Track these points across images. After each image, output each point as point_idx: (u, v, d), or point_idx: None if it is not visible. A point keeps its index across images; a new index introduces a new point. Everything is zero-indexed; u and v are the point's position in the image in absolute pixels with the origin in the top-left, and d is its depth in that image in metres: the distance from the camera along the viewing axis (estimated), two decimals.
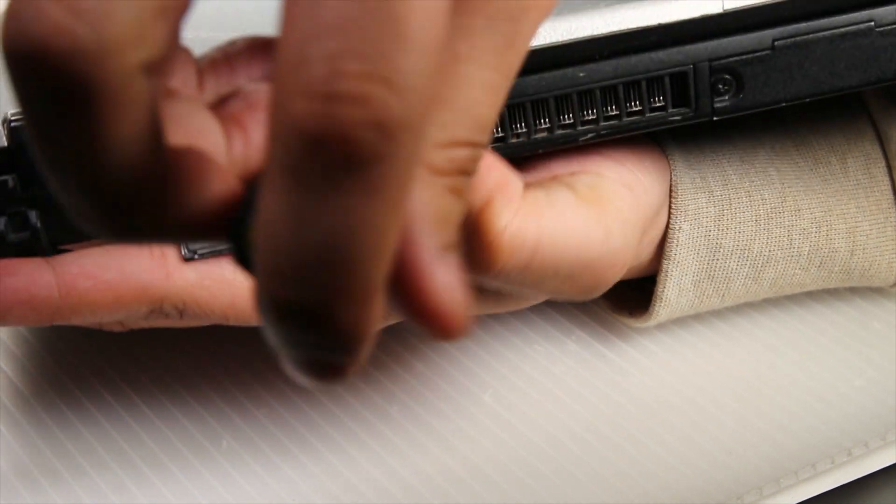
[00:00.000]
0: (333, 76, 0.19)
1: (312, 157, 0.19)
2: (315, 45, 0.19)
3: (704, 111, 0.36)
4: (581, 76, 0.35)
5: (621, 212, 0.36)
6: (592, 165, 0.37)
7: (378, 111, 0.19)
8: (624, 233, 0.36)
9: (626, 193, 0.37)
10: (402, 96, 0.19)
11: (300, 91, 0.19)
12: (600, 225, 0.35)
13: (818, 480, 0.39)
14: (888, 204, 0.41)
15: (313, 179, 0.19)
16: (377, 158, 0.19)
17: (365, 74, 0.19)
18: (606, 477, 0.39)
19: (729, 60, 0.35)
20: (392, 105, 0.19)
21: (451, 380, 0.43)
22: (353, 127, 0.19)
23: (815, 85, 0.35)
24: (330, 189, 0.20)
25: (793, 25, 0.35)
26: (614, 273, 0.36)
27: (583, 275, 0.35)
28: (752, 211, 0.40)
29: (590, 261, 0.35)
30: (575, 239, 0.34)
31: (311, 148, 0.19)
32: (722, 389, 0.42)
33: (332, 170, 0.19)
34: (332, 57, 0.19)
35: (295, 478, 0.40)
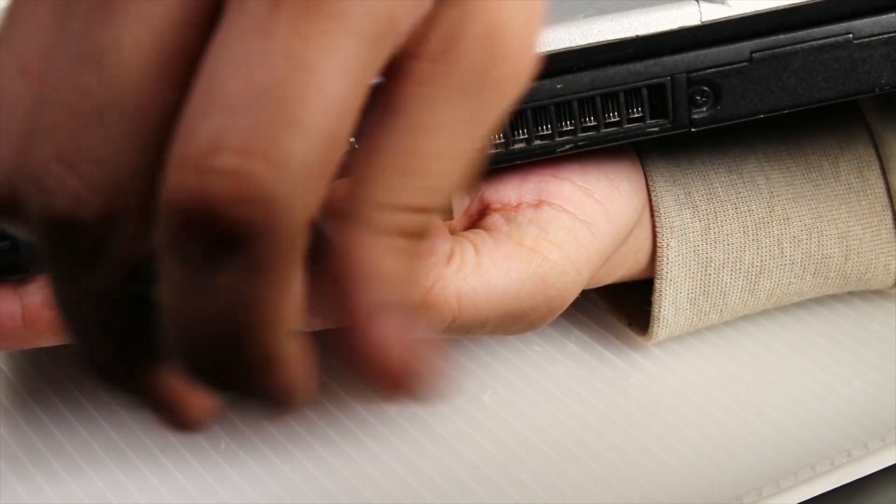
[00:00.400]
0: (210, 150, 0.19)
1: (186, 233, 0.19)
2: (204, 119, 0.19)
3: (682, 123, 0.36)
4: (558, 87, 0.35)
5: (566, 256, 0.36)
6: (558, 195, 0.37)
7: (251, 187, 0.19)
8: (565, 275, 0.36)
9: (582, 232, 0.37)
10: (282, 175, 0.19)
11: (177, 163, 0.19)
12: (535, 276, 0.35)
13: (817, 481, 0.39)
14: (882, 206, 0.41)
15: (191, 255, 0.19)
16: (252, 236, 0.19)
17: (242, 149, 0.19)
18: (605, 477, 0.39)
19: (706, 72, 0.35)
20: (268, 182, 0.19)
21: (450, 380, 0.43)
22: (222, 202, 0.19)
23: (792, 97, 0.36)
24: (210, 265, 0.19)
25: (771, 37, 0.35)
26: (560, 305, 0.37)
27: (519, 320, 0.36)
28: (739, 222, 0.40)
29: (522, 311, 0.36)
30: (500, 296, 0.35)
31: (184, 223, 0.19)
32: (721, 390, 0.42)
33: (208, 246, 0.19)
34: (214, 132, 0.19)
35: (294, 478, 0.40)
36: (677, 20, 0.34)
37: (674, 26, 0.34)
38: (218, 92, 0.20)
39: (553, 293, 0.36)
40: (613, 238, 0.38)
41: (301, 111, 0.19)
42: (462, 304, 0.35)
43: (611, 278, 0.41)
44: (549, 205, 0.37)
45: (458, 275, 0.35)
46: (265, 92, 0.19)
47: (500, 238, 0.36)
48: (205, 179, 0.19)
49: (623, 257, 0.40)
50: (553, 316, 0.37)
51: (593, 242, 0.37)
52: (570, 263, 0.36)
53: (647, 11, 0.34)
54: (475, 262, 0.35)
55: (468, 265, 0.35)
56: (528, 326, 0.37)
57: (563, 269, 0.36)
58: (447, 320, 0.35)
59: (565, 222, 0.36)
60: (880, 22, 0.35)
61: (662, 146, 0.41)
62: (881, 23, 0.35)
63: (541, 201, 0.37)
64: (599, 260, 0.37)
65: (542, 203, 0.37)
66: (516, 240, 0.36)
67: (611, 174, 0.38)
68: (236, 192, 0.19)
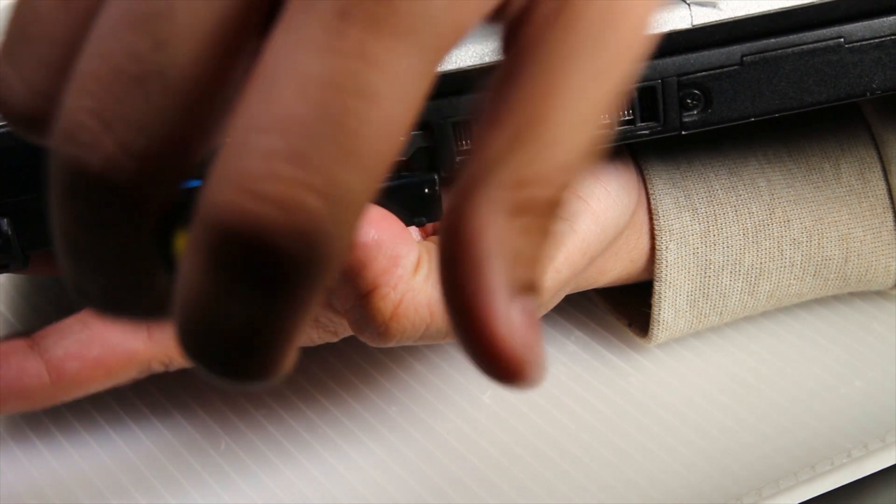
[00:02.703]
0: (265, 175, 0.19)
1: (225, 249, 0.19)
2: (258, 136, 0.19)
3: (673, 125, 0.36)
4: None
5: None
6: None
7: (300, 220, 0.19)
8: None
9: (563, 232, 0.36)
10: (333, 210, 0.19)
11: (230, 179, 0.19)
12: None
13: (817, 482, 0.39)
14: (883, 208, 0.41)
15: (223, 268, 0.19)
16: (291, 268, 0.19)
17: (297, 182, 0.19)
18: (605, 478, 0.39)
19: (697, 75, 0.35)
20: (317, 215, 0.19)
21: (449, 380, 0.43)
22: (271, 232, 0.19)
23: (783, 100, 0.36)
24: (238, 280, 0.19)
25: (761, 41, 0.35)
26: (541, 305, 0.36)
27: None
28: (739, 225, 0.40)
29: None
30: None
31: (226, 241, 0.19)
32: (721, 390, 0.42)
33: (244, 265, 0.19)
34: (270, 155, 0.19)
35: (293, 478, 0.40)
36: (668, 23, 0.34)
37: (664, 29, 0.34)
38: (276, 106, 0.19)
39: None
40: (599, 237, 0.37)
41: (361, 143, 0.19)
42: (434, 311, 0.34)
43: (605, 277, 0.41)
44: None
45: (427, 283, 0.34)
46: (326, 117, 0.19)
47: None
48: (256, 205, 0.19)
49: (616, 256, 0.40)
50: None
51: (574, 241, 0.36)
52: (548, 262, 0.36)
53: None
54: None
55: (435, 273, 0.35)
56: None
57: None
58: (421, 329, 0.34)
59: None
60: (871, 26, 0.35)
61: (662, 148, 0.40)
62: (872, 27, 0.35)
63: None
64: (582, 259, 0.37)
65: None
66: None
67: (599, 173, 0.38)
68: (287, 225, 0.19)
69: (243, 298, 0.20)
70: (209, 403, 0.42)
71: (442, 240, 0.21)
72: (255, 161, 0.19)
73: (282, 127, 0.19)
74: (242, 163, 0.19)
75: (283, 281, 0.19)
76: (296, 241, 0.19)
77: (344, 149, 0.19)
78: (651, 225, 0.40)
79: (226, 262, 0.19)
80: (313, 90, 0.19)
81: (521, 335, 0.21)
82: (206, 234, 0.19)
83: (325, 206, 0.19)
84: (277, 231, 0.19)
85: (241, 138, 0.19)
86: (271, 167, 0.19)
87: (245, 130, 0.19)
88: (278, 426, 0.42)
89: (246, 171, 0.19)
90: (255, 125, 0.19)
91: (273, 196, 0.19)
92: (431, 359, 0.44)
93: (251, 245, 0.19)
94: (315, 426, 0.42)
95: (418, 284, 0.34)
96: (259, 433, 0.41)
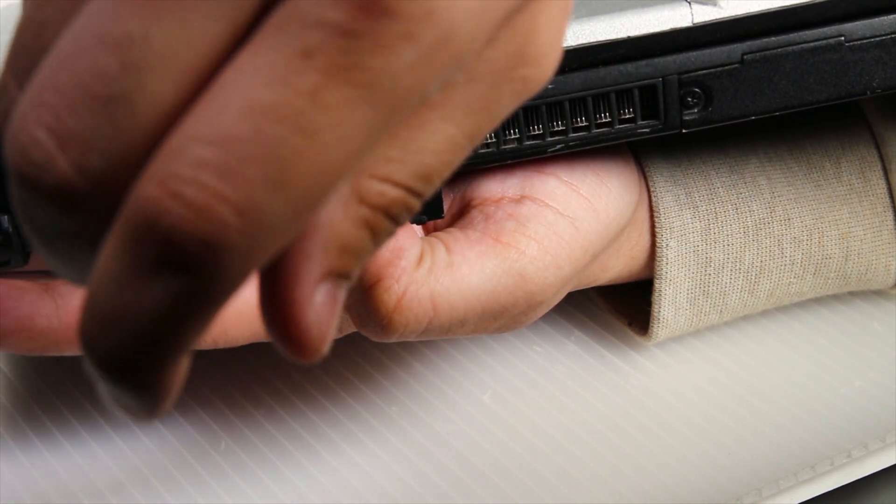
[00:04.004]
0: (190, 179, 0.19)
1: (137, 240, 0.20)
2: (194, 146, 0.19)
3: (673, 124, 0.36)
4: (550, 88, 0.35)
5: (546, 250, 0.36)
6: (542, 191, 0.37)
7: (212, 229, 0.19)
8: (544, 270, 0.36)
9: (564, 228, 0.36)
10: (247, 231, 0.19)
11: (158, 178, 0.19)
12: (511, 271, 0.35)
13: (817, 482, 0.39)
14: (884, 207, 0.41)
15: (134, 257, 0.20)
16: (193, 271, 0.19)
17: (218, 193, 0.19)
18: (605, 478, 0.39)
19: (698, 74, 0.35)
20: (230, 230, 0.19)
21: (450, 381, 0.43)
22: (179, 231, 0.19)
23: (784, 99, 0.36)
24: (145, 274, 0.20)
25: (762, 39, 0.35)
26: (542, 301, 0.36)
27: (500, 317, 0.36)
28: (739, 223, 0.40)
29: (501, 307, 0.35)
30: (476, 294, 0.35)
31: (140, 230, 0.19)
32: (721, 390, 0.42)
33: (151, 259, 0.20)
34: (200, 163, 0.19)
35: (293, 479, 0.40)
36: (669, 21, 0.34)
37: (665, 28, 0.34)
38: (218, 122, 0.19)
39: (532, 289, 0.35)
40: (600, 235, 0.37)
41: (291, 174, 0.19)
42: (437, 305, 0.34)
43: (606, 275, 0.41)
44: (532, 200, 0.37)
45: (430, 276, 0.34)
46: (264, 143, 0.19)
47: (473, 235, 0.36)
48: (173, 202, 0.19)
49: (617, 254, 0.40)
50: (536, 312, 0.37)
51: (576, 238, 0.36)
52: (550, 258, 0.36)
53: (638, 13, 0.34)
54: (447, 261, 0.35)
55: (439, 265, 0.35)
56: (511, 323, 0.36)
57: (541, 264, 0.35)
58: (423, 323, 0.34)
59: (546, 217, 0.36)
60: (872, 25, 0.35)
61: (663, 146, 0.41)
62: (873, 26, 0.35)
63: (523, 196, 0.37)
64: (584, 256, 0.37)
65: (525, 198, 0.37)
66: (492, 235, 0.35)
67: (599, 171, 0.38)
68: (196, 228, 0.19)
69: (145, 288, 0.20)
70: (209, 403, 0.42)
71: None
72: (185, 167, 0.19)
73: (218, 142, 0.19)
74: (173, 165, 0.19)
75: (184, 282, 0.20)
76: (201, 246, 0.19)
77: (271, 175, 0.19)
78: (652, 222, 0.40)
79: (136, 251, 0.20)
80: (257, 115, 0.19)
81: (319, 318, 0.21)
82: (125, 223, 0.20)
83: (238, 222, 0.19)
84: (187, 232, 0.19)
85: (178, 145, 0.20)
86: (197, 174, 0.19)
87: (184, 138, 0.20)
88: (278, 426, 0.42)
89: (174, 173, 0.19)
90: (195, 135, 0.20)
91: (191, 199, 0.19)
92: (431, 359, 0.44)
93: (161, 238, 0.19)
94: (315, 426, 0.42)
95: (421, 277, 0.34)
96: (259, 433, 0.41)
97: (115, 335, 0.20)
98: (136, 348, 0.20)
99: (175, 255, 0.19)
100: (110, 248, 0.20)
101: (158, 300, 0.20)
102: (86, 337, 0.21)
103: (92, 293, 0.21)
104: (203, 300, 0.20)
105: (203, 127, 0.20)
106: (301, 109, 0.19)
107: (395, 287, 0.34)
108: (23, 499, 0.39)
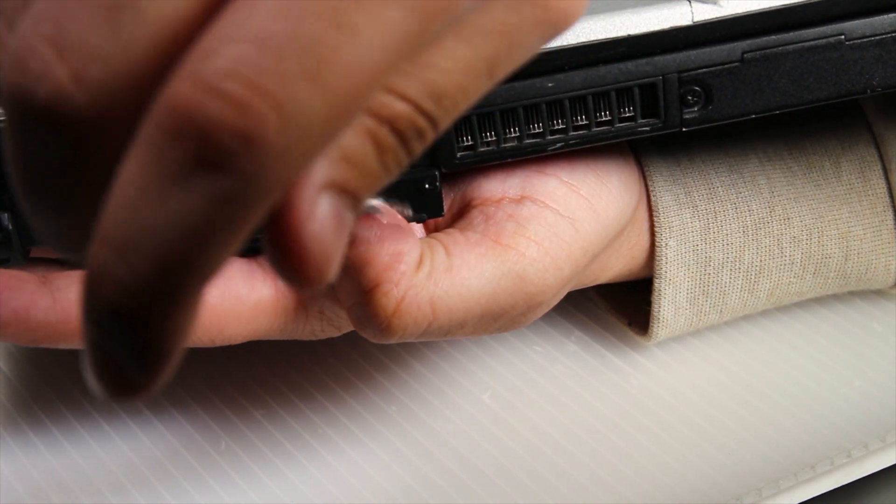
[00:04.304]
0: (227, 75, 0.18)
1: (170, 140, 0.19)
2: (230, 45, 0.19)
3: (673, 122, 0.36)
4: (550, 86, 0.35)
5: (546, 252, 0.36)
6: (542, 192, 0.37)
7: (251, 124, 0.18)
8: (544, 272, 0.36)
9: (564, 228, 0.36)
10: (286, 124, 0.19)
11: (192, 75, 0.19)
12: (511, 273, 0.35)
13: (817, 482, 0.39)
14: (883, 207, 0.41)
15: (166, 162, 0.19)
16: (233, 171, 0.19)
17: (258, 87, 0.18)
18: (605, 478, 0.39)
19: (698, 72, 0.35)
20: (270, 126, 0.19)
21: (449, 380, 0.43)
22: (218, 126, 0.18)
23: (784, 98, 0.36)
24: (178, 180, 0.19)
25: (762, 38, 0.35)
26: (542, 302, 0.36)
27: (499, 318, 0.36)
28: (738, 222, 0.40)
29: (501, 309, 0.35)
30: (476, 297, 0.35)
31: (174, 130, 0.19)
32: (721, 390, 0.42)
33: (186, 161, 0.19)
34: (238, 60, 0.19)
35: (293, 478, 0.40)
36: (669, 20, 0.34)
37: (665, 26, 0.34)
38: (253, 24, 0.19)
39: (532, 290, 0.35)
40: (600, 235, 0.37)
41: (329, 70, 0.19)
42: (436, 309, 0.34)
43: (606, 274, 0.40)
44: (532, 201, 0.36)
45: (430, 281, 0.34)
46: (301, 39, 0.19)
47: (473, 237, 0.35)
48: (211, 99, 0.18)
49: (617, 253, 0.40)
50: (536, 313, 0.36)
51: (577, 239, 0.36)
52: (550, 260, 0.36)
53: (638, 11, 0.34)
54: (446, 264, 0.35)
55: (439, 269, 0.34)
56: (511, 324, 0.36)
57: (541, 265, 0.35)
58: (422, 326, 0.34)
59: (547, 218, 0.36)
60: (872, 23, 0.35)
61: (663, 145, 0.41)
62: (873, 24, 0.35)
63: (524, 197, 0.37)
64: (584, 257, 0.37)
65: (525, 199, 0.36)
66: (492, 237, 0.35)
67: (600, 171, 0.38)
68: (235, 123, 0.18)
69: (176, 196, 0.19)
70: (209, 403, 0.42)
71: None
72: (221, 62, 0.19)
73: (254, 39, 0.19)
74: (207, 63, 0.19)
75: (221, 184, 0.19)
76: (242, 141, 0.18)
77: (311, 71, 0.19)
78: (651, 221, 0.40)
79: (169, 154, 0.19)
80: (294, 13, 0.19)
81: (321, 233, 0.20)
82: (154, 127, 0.19)
83: (277, 117, 0.19)
84: (227, 126, 0.18)
85: (210, 46, 0.19)
86: (236, 68, 0.19)
87: (216, 40, 0.19)
88: (278, 426, 0.42)
89: (210, 69, 0.19)
90: (228, 36, 0.19)
91: (229, 93, 0.18)
92: (431, 359, 0.44)
93: (198, 135, 0.18)
94: (315, 426, 0.42)
95: (420, 281, 0.34)
96: (259, 433, 0.41)
97: (135, 258, 0.19)
98: (157, 273, 0.19)
99: (213, 153, 0.18)
100: (135, 159, 0.19)
101: (192, 207, 0.19)
102: (94, 272, 0.19)
103: (109, 214, 0.19)
104: (240, 206, 0.19)
105: (235, 28, 0.19)
106: (339, 6, 0.19)
107: (394, 291, 0.34)
108: (23, 499, 0.39)
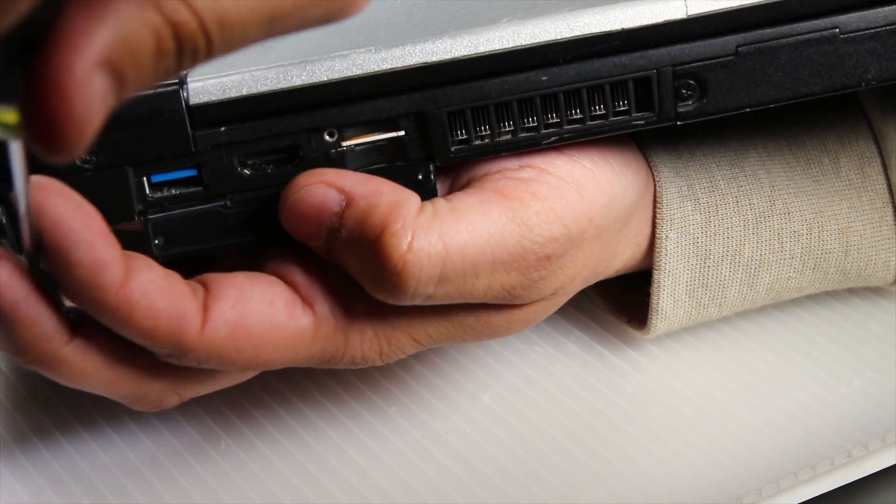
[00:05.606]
0: None
1: None
2: None
3: (668, 116, 0.36)
4: (544, 80, 0.35)
5: (550, 207, 0.35)
6: (543, 161, 0.37)
7: None
8: (549, 223, 0.35)
9: (568, 191, 0.36)
10: None
11: None
12: (515, 219, 0.35)
13: (817, 482, 0.39)
14: (883, 202, 0.41)
15: None
16: None
17: None
18: (605, 478, 0.39)
19: (692, 66, 0.35)
20: None
21: (449, 380, 0.43)
22: None
23: (778, 91, 0.36)
24: None
25: (756, 31, 0.35)
26: (550, 256, 0.35)
27: (512, 268, 0.35)
28: (739, 216, 0.40)
29: (511, 257, 0.35)
30: (484, 236, 0.34)
31: None
32: (721, 390, 0.42)
33: None
34: None
35: (293, 478, 0.40)
36: (663, 13, 0.35)
37: (660, 19, 0.35)
38: None
39: (539, 239, 0.35)
40: (605, 208, 0.37)
41: None
42: (447, 244, 0.34)
43: (616, 261, 0.40)
44: (533, 167, 0.36)
45: (436, 220, 0.34)
46: None
47: (473, 191, 0.35)
48: None
49: (626, 240, 0.39)
50: (550, 275, 0.36)
51: (581, 205, 0.36)
52: (555, 215, 0.35)
53: (633, 4, 0.35)
54: (450, 207, 0.34)
55: (443, 211, 0.34)
56: (528, 284, 0.35)
57: (545, 217, 0.35)
58: (438, 265, 0.34)
59: (549, 181, 0.36)
60: (867, 17, 0.35)
61: (666, 138, 0.41)
62: (867, 17, 0.35)
63: (523, 166, 0.36)
64: (589, 225, 0.36)
65: (525, 167, 0.36)
66: (493, 190, 0.35)
67: (604, 151, 0.38)
68: None
69: None
70: (209, 403, 0.42)
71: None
72: None
73: None
74: None
75: None
76: None
77: None
78: (654, 213, 0.40)
79: None
80: None
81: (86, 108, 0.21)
82: None
83: None
84: None
85: None
86: None
87: None
88: (278, 426, 0.42)
89: None
90: None
91: None
92: (431, 359, 0.44)
93: None
94: (315, 426, 0.42)
95: (427, 221, 0.34)
96: (259, 433, 0.41)
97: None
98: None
99: None
100: None
101: None
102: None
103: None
104: None
105: None
106: None
107: (402, 231, 0.33)
108: (23, 499, 0.39)
